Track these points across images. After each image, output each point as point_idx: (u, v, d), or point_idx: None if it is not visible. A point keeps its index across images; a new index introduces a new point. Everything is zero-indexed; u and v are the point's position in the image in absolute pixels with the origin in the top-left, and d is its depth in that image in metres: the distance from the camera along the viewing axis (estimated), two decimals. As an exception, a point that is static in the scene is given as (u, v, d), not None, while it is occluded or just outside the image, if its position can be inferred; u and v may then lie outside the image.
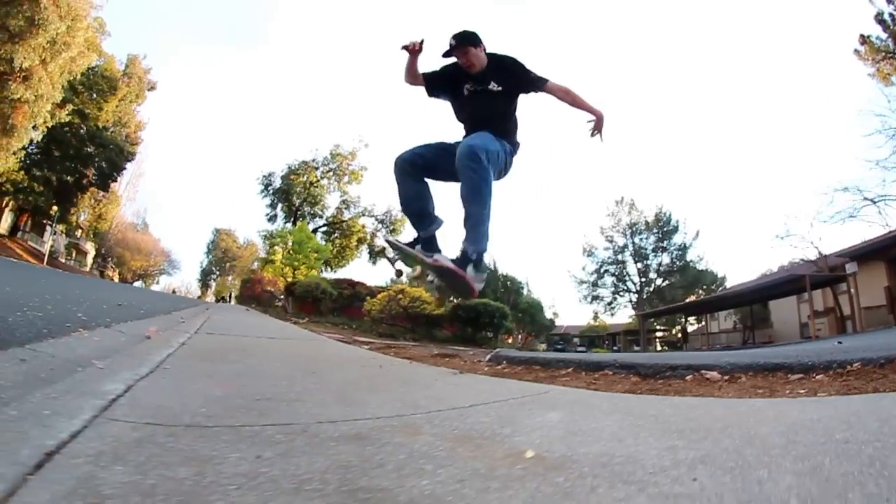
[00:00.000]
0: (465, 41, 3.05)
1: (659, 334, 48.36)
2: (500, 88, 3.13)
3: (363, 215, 44.97)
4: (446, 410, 1.93)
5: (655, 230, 46.40)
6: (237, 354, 3.35)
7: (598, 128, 3.23)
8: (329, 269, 38.59)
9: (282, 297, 25.65)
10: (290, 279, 26.29)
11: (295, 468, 1.07)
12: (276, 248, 28.81)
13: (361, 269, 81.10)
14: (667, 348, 41.65)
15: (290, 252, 28.00)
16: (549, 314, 48.34)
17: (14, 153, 27.10)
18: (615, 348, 42.73)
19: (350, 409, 1.84)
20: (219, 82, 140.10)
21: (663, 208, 46.82)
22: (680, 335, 44.09)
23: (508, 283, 42.74)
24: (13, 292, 5.32)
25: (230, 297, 57.28)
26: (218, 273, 74.80)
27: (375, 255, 44.62)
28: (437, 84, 3.29)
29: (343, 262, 42.21)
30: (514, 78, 3.16)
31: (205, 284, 76.40)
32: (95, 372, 1.83)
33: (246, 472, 1.02)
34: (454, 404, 2.10)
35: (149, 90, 43.48)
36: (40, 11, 22.62)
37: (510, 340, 17.77)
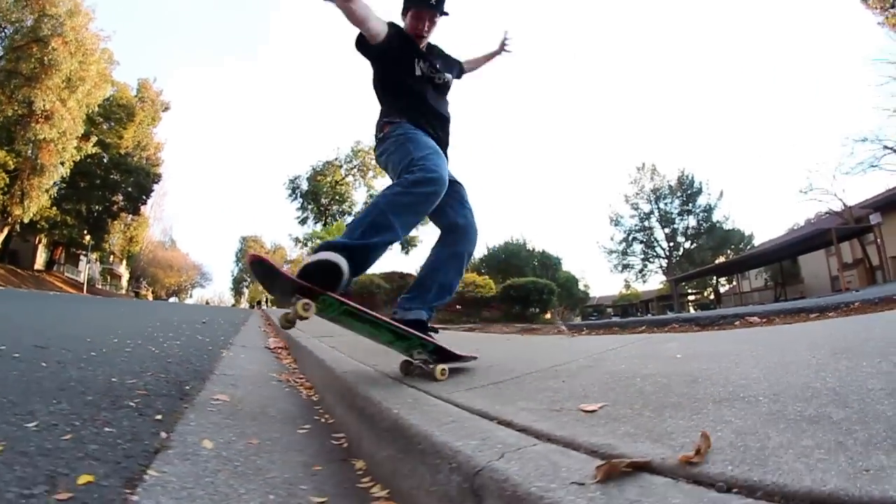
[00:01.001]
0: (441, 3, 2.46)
1: (691, 298, 47.76)
2: (451, 80, 2.63)
3: None
4: (597, 354, 2.44)
5: (679, 193, 45.44)
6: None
7: (502, 48, 2.96)
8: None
9: None
10: None
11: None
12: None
13: (393, 261, 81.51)
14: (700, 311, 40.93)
15: None
16: (580, 287, 48.04)
17: (46, 191, 27.58)
18: (649, 315, 42.22)
19: (537, 364, 2.21)
20: (225, 92, 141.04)
21: (685, 171, 45.77)
22: (712, 296, 43.46)
23: (545, 259, 42.29)
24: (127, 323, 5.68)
25: (266, 301, 58.08)
26: (249, 280, 75.93)
27: (407, 245, 45.19)
28: (395, 44, 2.37)
29: None
30: (456, 70, 2.71)
31: (237, 293, 77.73)
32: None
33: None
34: (594, 352, 2.58)
35: (163, 111, 43.85)
36: (51, 52, 22.82)
37: (548, 316, 17.92)
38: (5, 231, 29.68)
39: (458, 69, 2.77)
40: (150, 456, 1.20)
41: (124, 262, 52.73)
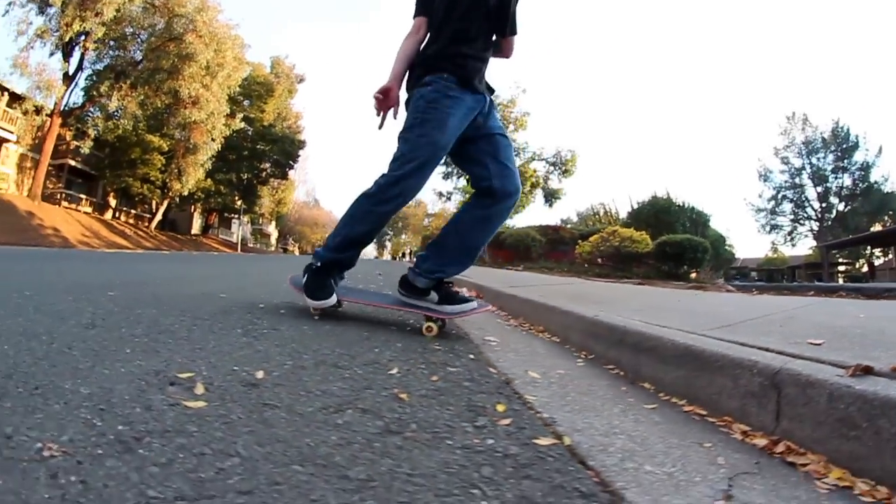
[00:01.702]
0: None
1: (841, 268, 41.48)
2: None
3: (533, 160, 45.06)
4: (790, 310, 2.71)
5: (833, 147, 39.87)
6: (590, 297, 3.68)
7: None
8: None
9: None
10: None
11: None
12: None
13: (537, 213, 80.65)
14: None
15: None
16: (725, 247, 44.10)
17: (202, 166, 31.10)
18: (795, 283, 37.58)
19: (746, 314, 2.46)
20: (344, 50, 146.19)
21: (840, 122, 39.98)
22: (865, 268, 37.68)
23: (695, 215, 39.39)
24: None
25: (410, 253, 61.16)
26: (391, 233, 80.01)
27: (550, 197, 44.68)
28: None
29: (519, 209, 42.80)
30: None
31: (380, 245, 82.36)
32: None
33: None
34: (786, 307, 2.89)
35: (298, 83, 46.80)
36: (187, 46, 25.36)
37: (694, 276, 17.04)
38: (165, 203, 34.53)
39: None
40: (505, 385, 1.53)
41: (273, 222, 58.49)
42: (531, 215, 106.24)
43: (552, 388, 1.54)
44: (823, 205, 41.09)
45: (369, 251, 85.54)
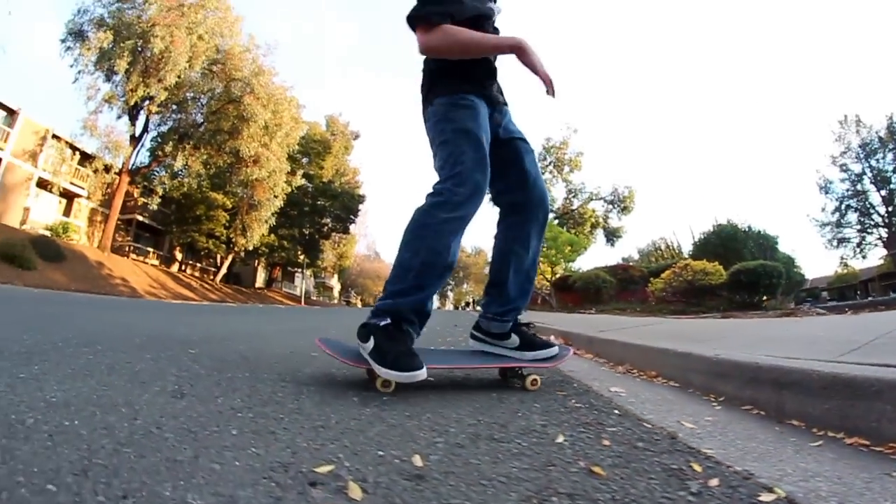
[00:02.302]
0: None
1: (918, 275, 37.66)
2: None
3: (591, 200, 44.77)
4: None
5: (891, 145, 37.13)
6: (688, 335, 3.77)
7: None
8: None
9: (544, 292, 26.91)
10: (548, 276, 26.91)
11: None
12: None
13: (598, 254, 78.94)
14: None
15: (544, 249, 27.82)
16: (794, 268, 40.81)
17: (266, 222, 32.15)
18: (870, 297, 33.62)
19: (871, 334, 2.52)
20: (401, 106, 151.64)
21: (894, 116, 37.14)
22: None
23: (762, 239, 36.49)
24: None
25: (472, 303, 60.84)
26: (453, 283, 79.67)
27: (612, 236, 43.51)
28: None
29: (580, 251, 42.12)
30: None
31: (442, 296, 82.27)
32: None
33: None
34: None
35: (354, 139, 48.20)
36: (245, 108, 26.41)
37: (766, 303, 15.99)
38: (230, 257, 35.46)
39: None
40: (673, 440, 1.39)
41: (335, 275, 59.39)
42: (593, 257, 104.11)
43: (716, 437, 1.45)
44: (889, 208, 38.13)
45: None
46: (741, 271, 15.90)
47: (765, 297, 16.75)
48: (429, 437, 1.27)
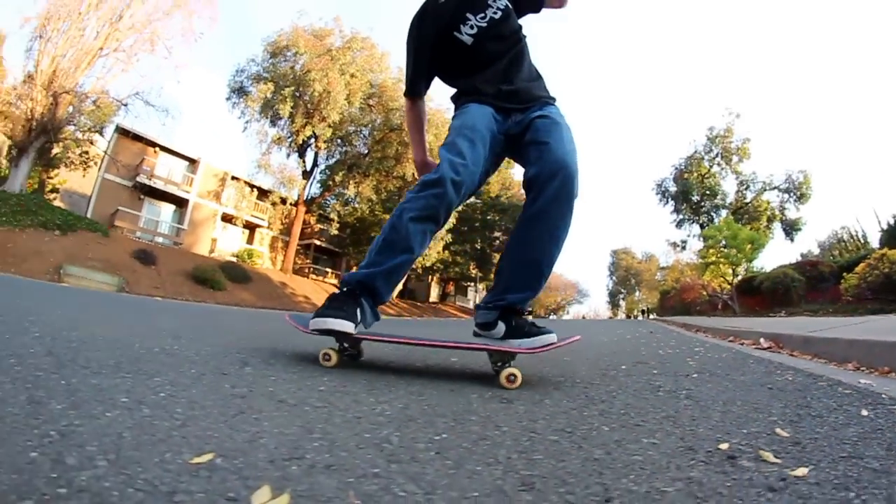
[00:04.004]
0: None
1: None
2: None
3: (765, 190, 39.29)
4: None
5: None
6: None
7: None
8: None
9: (724, 296, 24.85)
10: (729, 278, 24.72)
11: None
12: (710, 249, 26.28)
13: (776, 252, 67.45)
14: None
15: (724, 249, 25.34)
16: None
17: (441, 239, 32.98)
18: None
19: None
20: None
21: None
22: None
23: None
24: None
25: (646, 312, 56.42)
26: (625, 292, 74.24)
27: (791, 229, 36.82)
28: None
29: (759, 249, 36.67)
30: None
31: (614, 305, 77.00)
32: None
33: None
34: None
35: (508, 156, 47.41)
36: (407, 134, 27.33)
37: None
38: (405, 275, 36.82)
39: None
40: None
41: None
42: (771, 255, 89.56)
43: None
44: None
45: (602, 310, 79.80)
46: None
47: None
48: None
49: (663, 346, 4.16)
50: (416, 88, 2.21)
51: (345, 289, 1.83)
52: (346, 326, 1.68)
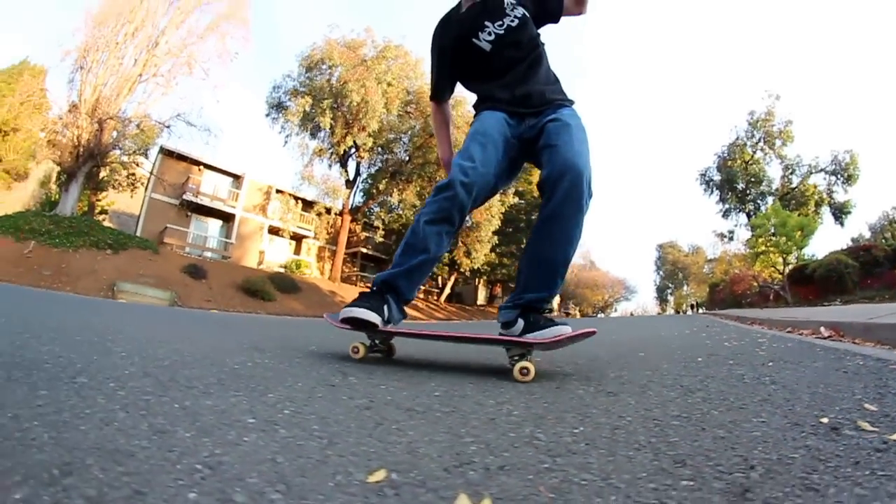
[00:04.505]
0: None
1: None
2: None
3: (811, 174, 37.76)
4: None
5: None
6: None
7: None
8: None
9: (776, 286, 23.80)
10: (780, 267, 23.68)
11: None
12: (759, 239, 25.16)
13: (826, 239, 63.75)
14: None
15: (773, 237, 24.10)
16: None
17: (488, 241, 32.67)
18: None
19: None
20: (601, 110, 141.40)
21: None
22: None
23: None
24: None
25: (695, 306, 54.62)
26: (673, 287, 71.71)
27: (840, 213, 35.93)
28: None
29: (809, 237, 34.63)
30: None
31: (662, 300, 74.46)
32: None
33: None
34: None
35: (558, 151, 46.18)
36: (448, 138, 26.99)
37: None
38: (452, 278, 36.30)
39: None
40: None
41: (554, 288, 57.42)
42: (821, 242, 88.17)
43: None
44: None
45: (650, 306, 76.85)
46: None
47: None
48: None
49: (726, 339, 4.19)
50: (439, 93, 2.35)
51: (374, 288, 1.99)
52: (372, 317, 1.82)
